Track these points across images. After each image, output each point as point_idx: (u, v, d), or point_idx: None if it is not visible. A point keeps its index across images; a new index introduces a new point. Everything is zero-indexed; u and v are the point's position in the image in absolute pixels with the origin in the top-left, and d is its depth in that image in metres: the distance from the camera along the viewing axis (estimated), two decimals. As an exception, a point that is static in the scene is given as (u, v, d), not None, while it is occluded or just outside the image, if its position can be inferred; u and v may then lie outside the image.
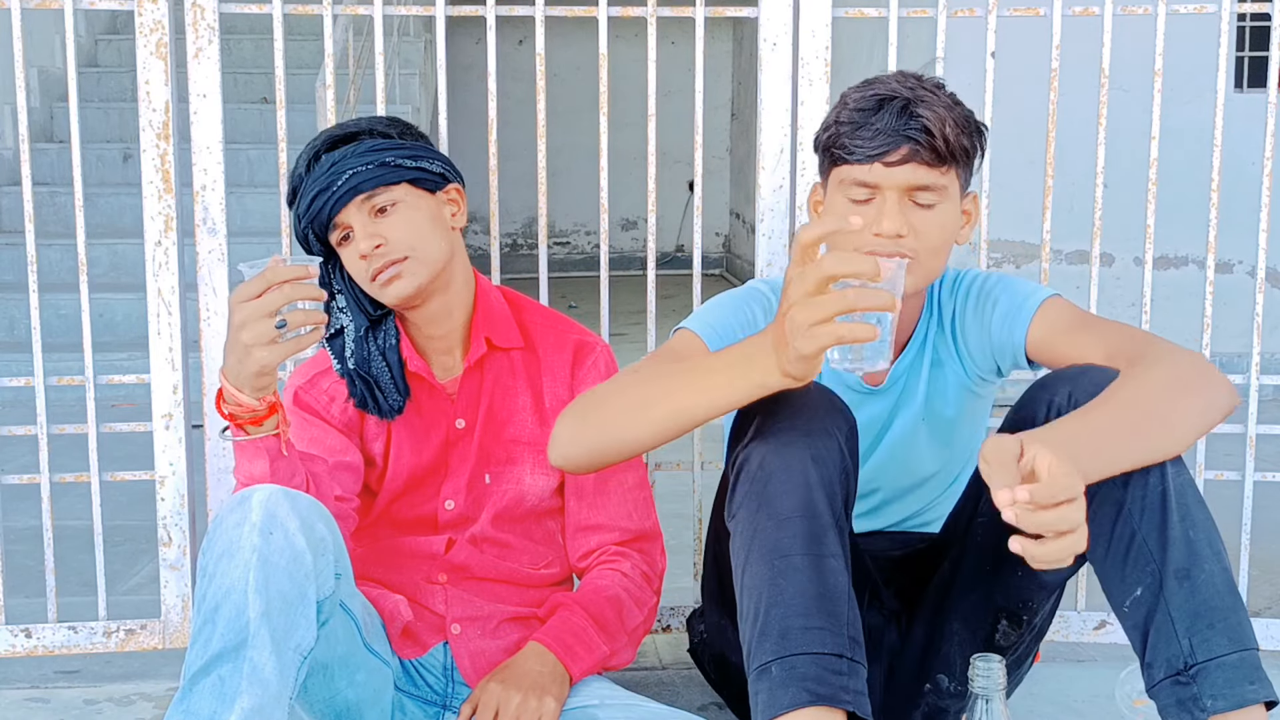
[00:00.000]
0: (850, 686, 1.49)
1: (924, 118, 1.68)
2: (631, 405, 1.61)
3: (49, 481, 2.30)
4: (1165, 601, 1.52)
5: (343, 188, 1.78)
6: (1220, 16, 2.34)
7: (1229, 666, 1.50)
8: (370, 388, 1.86)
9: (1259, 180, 2.36)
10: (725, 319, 1.81)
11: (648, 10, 2.31)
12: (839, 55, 2.36)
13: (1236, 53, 5.34)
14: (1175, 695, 1.51)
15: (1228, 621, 1.51)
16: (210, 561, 1.51)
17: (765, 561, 1.54)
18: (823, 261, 1.38)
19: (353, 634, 1.71)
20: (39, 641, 2.32)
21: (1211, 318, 2.41)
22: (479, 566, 1.91)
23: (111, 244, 5.80)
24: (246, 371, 1.57)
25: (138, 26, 2.20)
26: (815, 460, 1.55)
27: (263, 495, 1.53)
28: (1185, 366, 1.60)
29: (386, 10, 2.28)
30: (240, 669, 1.45)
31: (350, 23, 5.77)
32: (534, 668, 1.78)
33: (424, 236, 1.81)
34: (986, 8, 2.34)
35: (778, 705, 1.49)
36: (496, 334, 1.91)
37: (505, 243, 10.22)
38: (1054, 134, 2.37)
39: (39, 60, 6.70)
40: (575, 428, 1.65)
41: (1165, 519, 1.54)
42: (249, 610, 1.47)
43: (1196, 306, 2.42)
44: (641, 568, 1.95)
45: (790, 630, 1.50)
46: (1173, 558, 1.53)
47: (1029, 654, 1.90)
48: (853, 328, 1.36)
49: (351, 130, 1.84)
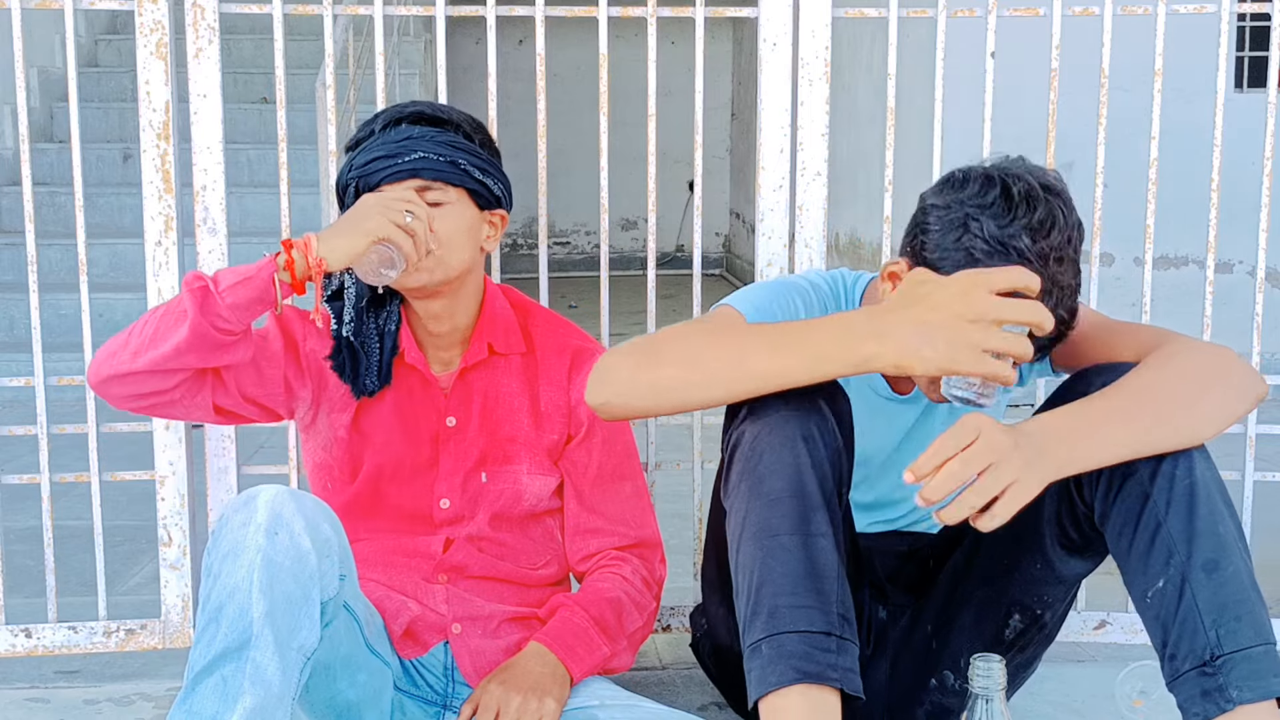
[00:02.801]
0: (838, 664, 1.50)
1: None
2: (723, 355, 1.57)
3: (49, 482, 2.30)
4: (1192, 593, 1.53)
5: (406, 165, 1.77)
6: (1220, 16, 2.34)
7: (1255, 658, 1.51)
8: (355, 359, 1.86)
9: (1259, 180, 2.36)
10: (769, 303, 1.79)
11: (648, 10, 2.31)
12: (839, 55, 2.36)
13: (1236, 53, 5.34)
14: (1200, 686, 1.52)
15: (1253, 614, 1.52)
16: (215, 561, 1.51)
17: (756, 541, 1.55)
18: (1013, 306, 1.45)
19: (355, 634, 1.71)
20: (39, 642, 2.32)
21: (1211, 318, 2.41)
22: (477, 566, 1.91)
23: (111, 244, 5.80)
24: (359, 229, 1.68)
25: (138, 26, 2.20)
26: (806, 439, 1.56)
27: (269, 495, 1.54)
28: (1207, 356, 1.61)
29: (386, 10, 2.27)
30: (243, 669, 1.45)
31: (350, 23, 5.77)
32: (535, 668, 1.78)
33: (455, 244, 1.81)
34: (986, 8, 2.34)
35: (767, 683, 1.50)
36: (498, 340, 1.92)
37: (505, 243, 10.22)
38: (1054, 134, 2.37)
39: (39, 60, 6.70)
40: (638, 367, 1.59)
41: (1193, 511, 1.55)
42: (253, 610, 1.47)
43: (1197, 306, 2.42)
44: (641, 573, 1.95)
45: (779, 609, 1.52)
46: (1200, 550, 1.54)
47: (1035, 658, 1.90)
48: (1008, 366, 1.46)
49: (442, 116, 1.83)
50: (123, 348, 1.71)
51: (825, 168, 2.29)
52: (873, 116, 6.13)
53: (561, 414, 1.94)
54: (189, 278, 1.70)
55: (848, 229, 6.69)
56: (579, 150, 7.79)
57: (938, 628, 1.83)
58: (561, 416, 1.94)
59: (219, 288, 1.67)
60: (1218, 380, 1.59)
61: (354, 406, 1.89)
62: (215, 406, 1.81)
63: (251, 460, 2.39)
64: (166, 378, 1.71)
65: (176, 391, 1.74)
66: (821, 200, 2.30)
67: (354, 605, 1.70)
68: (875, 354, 1.49)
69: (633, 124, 6.31)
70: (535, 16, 2.29)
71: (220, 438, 2.28)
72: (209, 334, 1.67)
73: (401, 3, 2.29)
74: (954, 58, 2.34)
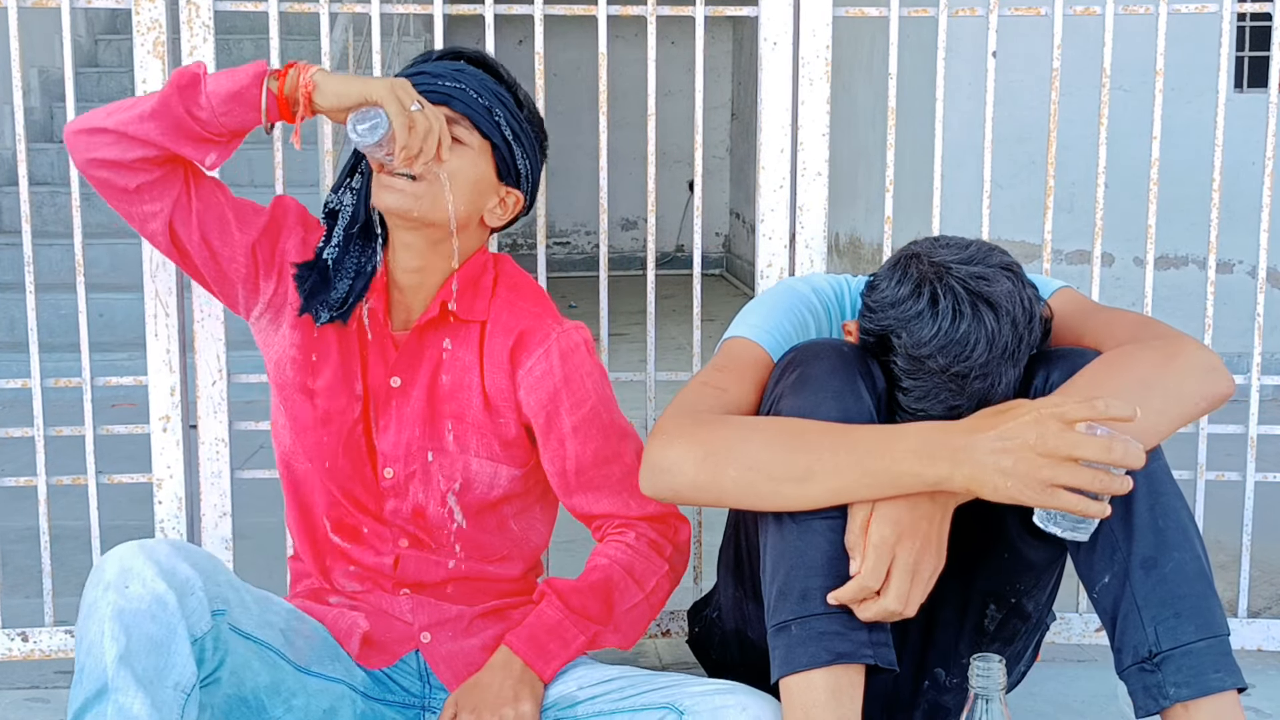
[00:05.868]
0: (872, 640, 1.52)
1: None
2: (789, 468, 1.53)
3: (45, 484, 2.30)
4: (1131, 590, 1.54)
5: (442, 89, 1.74)
6: (1221, 16, 2.34)
7: (1195, 654, 1.51)
8: (323, 280, 1.80)
9: (1259, 180, 2.36)
10: (779, 323, 1.76)
11: (647, 9, 2.30)
12: (839, 55, 2.36)
13: (1237, 53, 5.34)
14: (1141, 682, 1.54)
15: (1196, 609, 1.52)
16: (77, 627, 1.56)
17: (787, 523, 1.56)
18: (1088, 444, 1.40)
19: (274, 662, 1.69)
20: (35, 645, 2.32)
21: (1212, 318, 2.41)
22: (432, 574, 1.86)
23: (111, 243, 5.79)
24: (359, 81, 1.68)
25: (135, 25, 2.19)
26: (842, 421, 1.56)
27: (116, 553, 1.57)
28: (1169, 354, 1.58)
29: (384, 9, 2.27)
30: (105, 712, 1.48)
31: (350, 22, 5.77)
32: (498, 681, 1.73)
33: (455, 187, 1.75)
34: (988, 7, 2.33)
35: (795, 663, 1.52)
36: (460, 303, 1.81)
37: (505, 242, 10.22)
38: (1055, 134, 2.36)
39: (39, 60, 6.69)
40: (700, 469, 1.56)
41: (1131, 508, 1.54)
42: (105, 657, 1.49)
43: (1197, 306, 2.41)
44: (650, 536, 1.85)
45: (810, 591, 1.53)
46: (1139, 546, 1.54)
47: (1027, 649, 1.89)
48: (1088, 502, 1.43)
49: (499, 70, 1.81)
50: (103, 109, 1.74)
51: (826, 168, 2.29)
52: (873, 116, 6.13)
53: (508, 403, 1.82)
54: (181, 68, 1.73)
55: (848, 229, 6.69)
56: (578, 150, 7.78)
57: (923, 625, 1.83)
58: (509, 407, 1.82)
59: (205, 74, 1.70)
60: (1158, 388, 1.55)
61: (304, 330, 1.83)
62: (170, 227, 1.78)
63: (246, 465, 2.39)
64: (127, 147, 1.72)
65: (133, 172, 1.73)
66: (822, 200, 2.30)
67: (261, 634, 1.68)
68: (948, 477, 1.47)
69: (632, 124, 6.30)
70: (534, 15, 2.28)
71: (214, 441, 2.27)
72: (181, 116, 1.69)
73: (400, 1, 2.29)
74: (954, 57, 2.34)
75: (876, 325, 1.62)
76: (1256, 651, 2.41)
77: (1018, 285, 1.60)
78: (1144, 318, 1.72)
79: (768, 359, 1.73)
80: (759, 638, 1.65)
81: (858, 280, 1.88)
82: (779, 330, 1.75)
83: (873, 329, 1.63)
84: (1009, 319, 1.57)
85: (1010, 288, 1.59)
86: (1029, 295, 1.61)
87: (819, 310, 1.82)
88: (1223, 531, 2.53)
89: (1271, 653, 2.41)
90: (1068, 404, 1.42)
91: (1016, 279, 1.61)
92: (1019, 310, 1.58)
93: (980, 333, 1.55)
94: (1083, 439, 1.40)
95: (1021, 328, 1.59)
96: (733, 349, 1.76)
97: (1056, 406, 1.42)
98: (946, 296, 1.57)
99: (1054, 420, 1.41)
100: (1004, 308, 1.57)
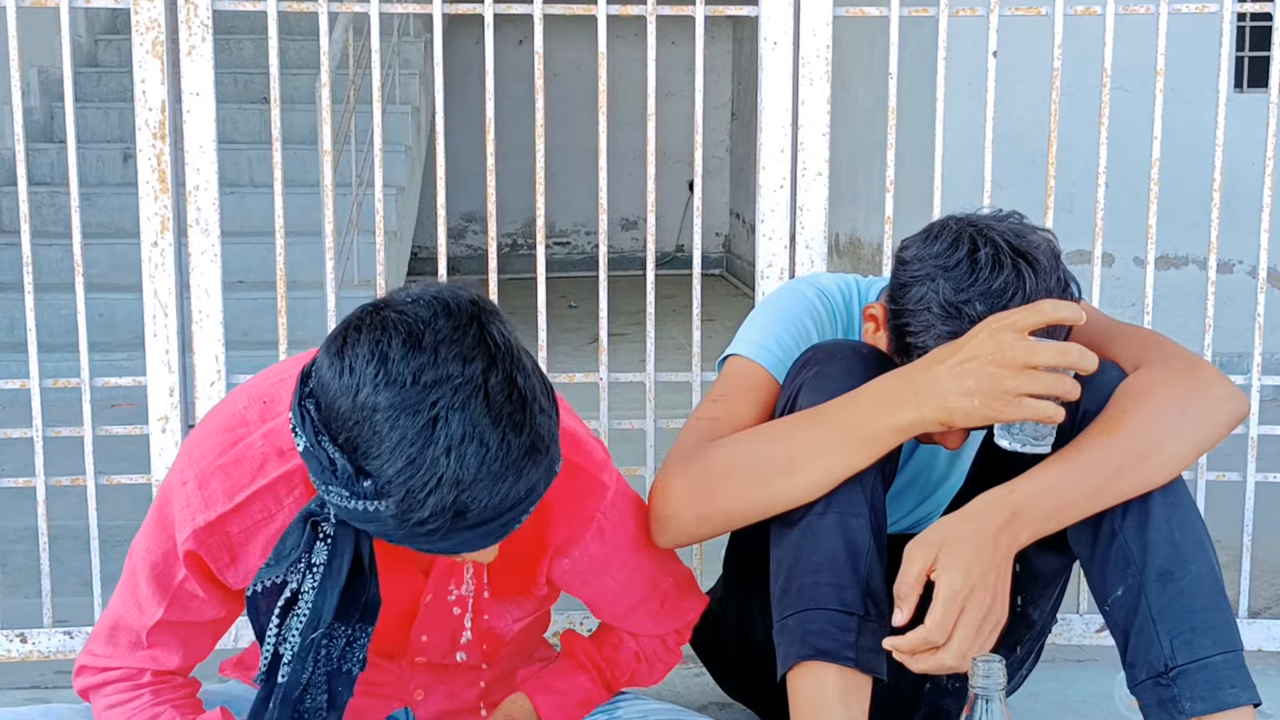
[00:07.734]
0: (859, 644, 1.51)
1: None
2: (773, 468, 1.54)
3: (44, 485, 2.30)
4: (1147, 603, 1.52)
5: (454, 550, 1.33)
6: (1221, 16, 2.34)
7: (1211, 669, 1.50)
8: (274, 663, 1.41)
9: (1259, 180, 2.35)
10: (779, 336, 1.76)
11: (647, 9, 2.30)
12: (840, 54, 2.36)
13: (1237, 53, 5.34)
14: (1156, 696, 1.52)
15: (1212, 623, 1.51)
16: None
17: (790, 523, 1.56)
18: (1045, 349, 1.42)
19: None
20: (34, 646, 2.31)
21: (1213, 318, 2.40)
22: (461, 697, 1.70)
23: (111, 244, 5.79)
24: None
25: (134, 25, 2.19)
26: None
27: None
28: (1201, 382, 1.57)
29: (383, 8, 2.27)
30: None
31: (350, 22, 5.77)
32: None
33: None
34: (988, 7, 2.33)
35: (788, 659, 1.53)
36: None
37: (505, 242, 10.23)
38: (1056, 134, 2.36)
39: (39, 60, 6.69)
40: (697, 511, 1.58)
41: (1147, 520, 1.53)
42: None
43: (1197, 306, 2.41)
44: (673, 639, 1.75)
45: (806, 586, 1.53)
46: (1155, 560, 1.53)
47: (1029, 654, 1.89)
48: (1053, 407, 1.43)
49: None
50: None
51: (826, 168, 2.29)
52: (873, 116, 6.13)
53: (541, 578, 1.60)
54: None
55: (848, 229, 6.69)
56: (578, 150, 7.77)
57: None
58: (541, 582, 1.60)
59: None
60: (1195, 417, 1.55)
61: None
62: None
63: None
64: None
65: None
66: (822, 200, 2.29)
67: None
68: (916, 418, 1.48)
69: (632, 124, 6.30)
70: (534, 14, 2.28)
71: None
72: None
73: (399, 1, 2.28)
74: (955, 57, 2.33)
75: (910, 276, 1.60)
76: (1257, 651, 2.40)
77: (1052, 250, 1.61)
78: (1153, 334, 1.71)
79: (767, 377, 1.72)
80: (762, 637, 1.65)
81: (868, 281, 1.87)
82: (779, 344, 1.75)
83: (908, 281, 1.60)
84: (1045, 275, 1.58)
85: (1049, 248, 1.60)
86: (1063, 270, 1.62)
87: (822, 315, 1.81)
88: (1223, 531, 2.51)
89: (1271, 653, 2.41)
90: (1015, 314, 1.45)
91: (1051, 248, 1.62)
92: (1054, 273, 1.59)
93: (1019, 284, 1.56)
94: (1039, 344, 1.42)
95: (1056, 291, 1.59)
96: (730, 371, 1.75)
97: (1006, 317, 1.45)
98: (986, 246, 1.57)
99: (1007, 331, 1.43)
100: (1042, 264, 1.58)
